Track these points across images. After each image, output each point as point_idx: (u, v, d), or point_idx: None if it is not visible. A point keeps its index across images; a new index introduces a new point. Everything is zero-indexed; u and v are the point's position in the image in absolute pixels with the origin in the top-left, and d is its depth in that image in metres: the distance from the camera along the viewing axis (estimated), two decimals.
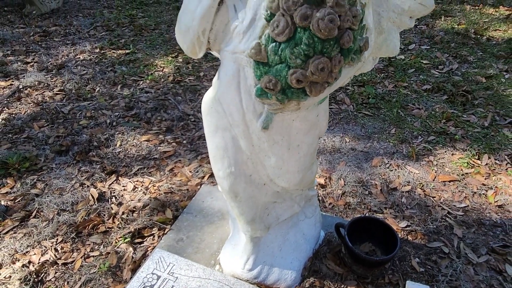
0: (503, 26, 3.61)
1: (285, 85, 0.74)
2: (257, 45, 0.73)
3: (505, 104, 2.48)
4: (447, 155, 2.08)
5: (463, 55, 3.11)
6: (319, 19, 0.67)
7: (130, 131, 2.27)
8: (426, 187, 1.87)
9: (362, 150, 2.13)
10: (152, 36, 3.54)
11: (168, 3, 4.35)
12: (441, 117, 2.37)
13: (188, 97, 2.63)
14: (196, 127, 2.32)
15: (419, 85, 2.73)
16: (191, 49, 0.82)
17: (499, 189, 1.86)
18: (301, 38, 0.69)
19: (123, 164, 2.01)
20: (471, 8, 4.06)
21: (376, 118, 2.39)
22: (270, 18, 0.71)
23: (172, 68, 2.98)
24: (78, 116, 2.40)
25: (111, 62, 3.06)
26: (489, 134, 2.22)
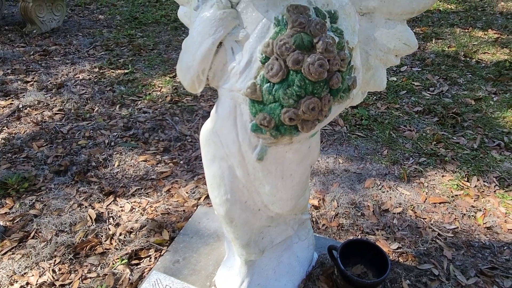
0: (491, 49, 3.73)
1: (278, 122, 0.79)
2: (253, 85, 0.78)
3: (493, 127, 2.56)
4: (437, 177, 2.14)
5: (453, 77, 3.20)
6: (310, 64, 0.73)
7: (128, 151, 2.31)
8: (417, 209, 1.92)
9: (355, 171, 2.18)
10: (150, 56, 3.62)
11: (166, 24, 4.44)
12: (431, 139, 2.43)
13: (185, 117, 2.68)
14: (193, 148, 2.37)
15: (411, 107, 2.81)
16: (191, 85, 0.87)
17: (488, 211, 1.91)
18: (294, 80, 0.75)
19: (120, 184, 2.05)
20: (461, 31, 4.19)
21: (369, 140, 2.45)
22: (265, 61, 0.77)
23: (169, 88, 3.05)
24: (77, 136, 2.44)
25: (110, 82, 3.12)
26: (478, 156, 2.28)
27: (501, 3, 5.14)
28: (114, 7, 5.05)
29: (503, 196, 1.99)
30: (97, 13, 4.86)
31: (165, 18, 4.60)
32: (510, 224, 1.83)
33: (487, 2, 5.17)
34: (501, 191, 2.02)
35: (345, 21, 0.80)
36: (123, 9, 4.96)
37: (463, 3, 5.10)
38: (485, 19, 4.55)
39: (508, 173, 2.14)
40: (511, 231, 1.79)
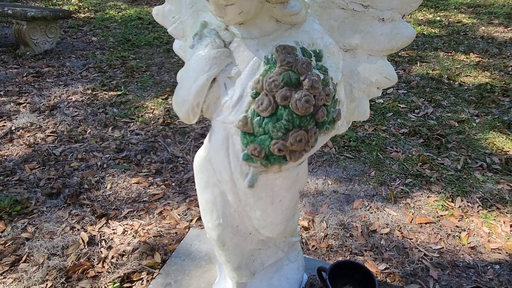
0: (473, 72, 3.88)
1: (268, 152, 0.85)
2: (244, 118, 0.84)
3: (476, 148, 2.65)
4: (423, 197, 2.21)
5: (437, 100, 3.32)
6: (297, 100, 0.79)
7: (121, 173, 2.34)
8: (404, 229, 1.98)
9: (343, 192, 2.24)
10: (143, 78, 3.68)
11: (159, 46, 4.53)
12: (417, 160, 2.51)
13: (177, 139, 2.73)
14: (184, 170, 2.41)
15: (397, 128, 2.90)
16: (186, 117, 0.93)
17: (472, 231, 1.97)
18: (282, 115, 0.81)
19: (113, 207, 2.07)
20: (444, 55, 4.35)
21: (357, 161, 2.52)
22: (255, 96, 0.83)
23: (162, 110, 3.10)
24: (70, 158, 2.46)
25: (102, 104, 3.17)
26: (461, 177, 2.36)
27: (482, 27, 5.36)
28: (107, 29, 5.14)
29: (486, 216, 2.06)
30: (90, 35, 4.93)
31: (157, 40, 4.69)
32: (493, 243, 1.89)
33: (469, 26, 5.38)
34: (484, 211, 2.09)
35: (329, 59, 0.87)
36: (116, 31, 5.05)
37: (446, 28, 5.31)
38: (467, 43, 4.73)
39: (491, 194, 2.21)
40: (494, 251, 1.85)
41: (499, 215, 2.07)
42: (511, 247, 1.86)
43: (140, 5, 6.29)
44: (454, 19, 5.71)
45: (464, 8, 6.26)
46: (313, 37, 0.85)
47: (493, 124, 2.94)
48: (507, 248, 1.86)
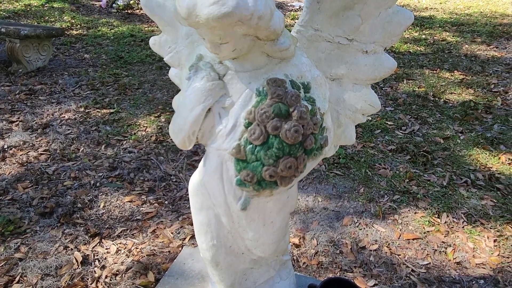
0: (457, 90, 4.01)
1: (260, 178, 0.90)
2: (238, 146, 0.90)
3: (460, 164, 2.74)
4: (410, 213, 2.27)
5: (423, 117, 3.42)
6: (287, 130, 0.85)
7: (114, 192, 2.36)
8: (392, 245, 2.03)
9: (333, 209, 2.29)
10: (135, 96, 3.73)
11: (151, 63, 4.59)
12: (404, 177, 2.58)
13: (170, 157, 2.76)
14: (177, 188, 2.44)
15: (385, 145, 2.98)
16: (182, 144, 0.98)
17: (457, 246, 2.03)
18: (273, 143, 0.86)
19: (106, 226, 2.09)
20: (430, 72, 4.49)
21: (346, 178, 2.59)
22: (248, 125, 0.88)
23: (154, 128, 3.14)
24: (63, 177, 2.48)
25: (95, 122, 3.20)
26: (447, 193, 2.43)
27: (466, 45, 5.54)
28: (99, 46, 5.19)
29: (471, 232, 2.12)
30: (83, 52, 4.98)
31: (150, 57, 4.75)
32: (477, 259, 1.95)
33: (453, 44, 5.56)
34: (468, 227, 2.16)
35: (316, 90, 0.93)
36: (108, 48, 5.10)
37: (431, 46, 5.48)
38: (451, 61, 4.89)
39: (475, 210, 2.29)
40: (478, 266, 1.91)
41: (483, 230, 2.14)
42: (495, 262, 1.93)
43: (132, 22, 6.37)
44: (438, 37, 5.90)
45: (449, 27, 6.47)
46: (301, 70, 0.92)
47: (477, 140, 3.03)
48: (491, 263, 1.92)
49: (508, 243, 2.06)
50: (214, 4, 0.72)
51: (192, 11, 0.75)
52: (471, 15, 7.35)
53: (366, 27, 1.00)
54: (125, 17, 6.68)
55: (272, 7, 0.79)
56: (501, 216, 2.24)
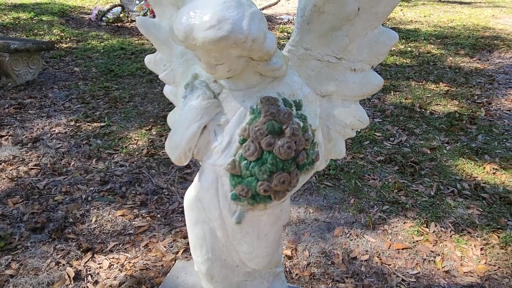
0: (443, 101, 4.11)
1: (254, 193, 0.93)
2: (233, 161, 0.93)
3: (447, 174, 2.80)
4: (399, 223, 2.31)
5: (410, 128, 3.50)
6: (280, 146, 0.89)
7: (106, 206, 2.36)
8: (382, 255, 2.07)
9: (324, 220, 2.33)
10: (126, 109, 3.73)
11: (142, 76, 4.61)
12: (393, 187, 2.64)
13: (162, 170, 2.77)
14: (169, 201, 2.45)
15: (374, 156, 3.04)
16: (178, 160, 1.00)
17: (445, 255, 2.08)
18: (267, 159, 0.90)
19: (98, 240, 2.08)
20: (416, 84, 4.59)
21: (337, 189, 2.63)
22: (242, 142, 0.92)
23: (146, 141, 3.15)
24: (54, 192, 2.47)
25: (86, 135, 3.19)
26: (435, 203, 2.49)
27: (450, 58, 5.70)
28: (89, 59, 5.19)
29: (458, 241, 2.17)
30: (73, 65, 4.98)
31: (140, 70, 4.77)
32: (465, 267, 2.00)
33: (437, 57, 5.71)
34: (456, 236, 2.21)
35: (308, 107, 0.97)
36: (98, 62, 5.11)
37: (417, 58, 5.61)
38: (436, 72, 5.01)
39: (462, 219, 2.34)
40: (466, 274, 1.95)
41: (470, 239, 2.19)
42: (482, 270, 1.98)
43: (122, 35, 6.39)
44: (424, 49, 6.05)
45: (433, 39, 6.65)
46: (293, 88, 0.96)
47: (462, 151, 3.11)
48: (478, 272, 1.97)
49: (494, 251, 2.11)
50: (211, 29, 0.76)
51: (189, 34, 0.78)
52: (455, 28, 7.57)
53: (354, 47, 1.05)
54: (115, 30, 6.70)
55: (265, 30, 0.83)
56: (487, 225, 2.30)
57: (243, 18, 0.77)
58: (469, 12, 9.20)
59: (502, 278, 1.95)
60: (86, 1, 8.97)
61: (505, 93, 4.39)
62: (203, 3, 0.79)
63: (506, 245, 2.15)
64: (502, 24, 7.98)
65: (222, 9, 0.76)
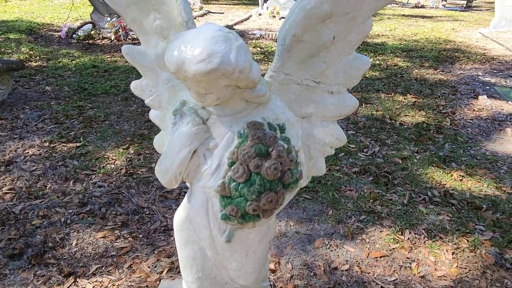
0: (411, 112, 4.31)
1: (244, 212, 0.98)
2: (222, 183, 0.98)
3: (418, 183, 2.94)
4: (376, 232, 2.41)
5: (382, 139, 3.65)
6: (267, 168, 0.94)
7: (86, 228, 2.33)
8: (362, 264, 2.15)
9: (305, 232, 2.39)
10: (102, 128, 3.70)
11: (116, 94, 4.58)
12: (369, 197, 2.74)
13: (142, 189, 2.77)
14: (151, 220, 2.45)
15: (349, 168, 3.15)
16: (169, 183, 1.04)
17: (420, 261, 2.18)
18: (255, 180, 0.95)
19: (80, 264, 2.06)
20: (385, 96, 4.80)
21: (315, 201, 2.70)
22: (231, 164, 0.97)
23: (124, 160, 3.13)
24: (30, 216, 2.42)
25: (61, 156, 3.14)
26: (408, 211, 2.61)
27: (415, 70, 5.98)
28: (61, 78, 5.11)
29: (431, 246, 2.29)
30: (44, 84, 4.88)
31: (114, 88, 4.75)
32: (439, 271, 2.11)
33: (404, 69, 5.99)
34: (429, 242, 2.33)
35: (291, 130, 1.04)
36: (70, 80, 5.04)
37: (385, 71, 5.86)
38: (403, 84, 5.26)
39: (434, 225, 2.47)
40: (440, 278, 2.06)
41: (442, 244, 2.31)
42: (454, 274, 2.09)
43: (94, 52, 6.33)
44: (391, 62, 6.33)
45: (399, 52, 6.97)
46: (276, 112, 1.03)
47: (431, 159, 3.28)
48: (451, 275, 2.08)
49: (464, 254, 2.24)
50: (201, 62, 0.81)
51: (181, 67, 0.84)
52: (418, 41, 7.97)
53: (330, 71, 1.13)
54: (86, 47, 6.63)
55: (250, 61, 0.90)
56: (456, 230, 2.43)
57: (231, 52, 0.83)
58: (431, 26, 9.71)
59: (472, 280, 2.06)
60: (55, 19, 8.84)
61: (467, 103, 4.66)
62: (192, 38, 0.84)
63: (475, 248, 2.28)
64: (462, 37, 8.47)
65: (211, 44, 0.82)
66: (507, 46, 7.38)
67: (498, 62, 6.44)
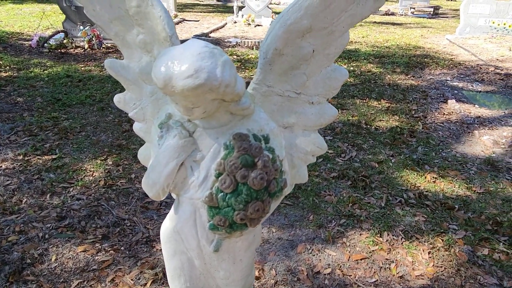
0: (385, 117, 4.45)
1: (232, 222, 1.01)
2: (210, 194, 1.00)
3: (394, 186, 3.04)
4: (356, 235, 2.47)
5: (359, 144, 3.75)
6: (253, 178, 0.98)
7: (65, 243, 2.29)
8: (343, 267, 2.20)
9: (287, 238, 2.43)
10: (78, 139, 3.64)
11: (92, 104, 4.51)
12: (348, 201, 2.81)
13: (121, 200, 2.74)
14: (132, 232, 2.42)
15: (328, 173, 3.22)
16: (156, 196, 1.06)
17: (399, 262, 2.26)
18: (242, 190, 0.98)
19: (61, 280, 2.02)
20: (360, 102, 4.93)
21: (296, 207, 2.75)
22: (218, 176, 0.99)
23: (102, 172, 3.09)
24: (6, 232, 2.35)
25: (37, 170, 3.07)
26: (386, 213, 2.69)
27: (388, 76, 6.18)
28: (33, 89, 4.99)
29: (409, 247, 2.37)
30: (15, 95, 4.75)
31: (90, 98, 4.67)
32: (417, 271, 2.19)
33: (377, 75, 6.17)
34: (406, 243, 2.41)
35: (275, 140, 1.08)
36: (43, 90, 4.92)
37: (359, 77, 6.02)
38: (377, 90, 5.41)
39: (410, 226, 2.56)
40: (418, 278, 2.14)
41: (418, 244, 2.40)
42: (431, 273, 2.17)
43: (67, 62, 6.21)
44: (364, 68, 6.51)
45: (372, 59, 7.17)
46: (260, 124, 1.06)
47: (406, 162, 3.40)
48: (428, 274, 2.16)
49: (440, 253, 2.33)
50: (189, 78, 0.84)
51: (169, 83, 0.86)
52: (390, 47, 8.23)
53: (311, 83, 1.18)
54: (59, 56, 6.50)
55: (235, 75, 0.93)
56: (432, 230, 2.53)
57: (217, 67, 0.86)
58: (401, 33, 10.04)
59: (448, 277, 2.15)
60: (25, 27, 8.61)
61: (438, 107, 4.85)
62: (179, 54, 0.87)
63: (449, 247, 2.38)
64: (430, 43, 8.80)
65: (198, 60, 0.85)
66: (472, 52, 7.73)
67: (465, 67, 6.74)
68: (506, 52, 7.74)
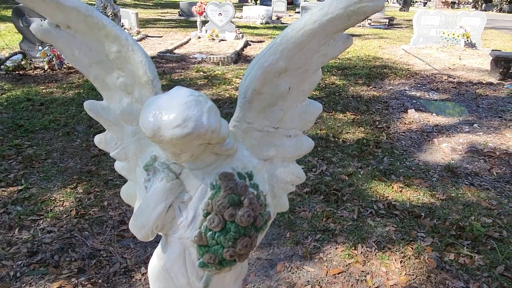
0: (351, 129, 4.62)
1: (221, 259, 1.04)
2: (199, 233, 1.03)
3: (365, 197, 3.17)
4: (332, 249, 2.56)
5: (328, 157, 3.87)
6: (241, 216, 1.02)
7: (39, 280, 2.21)
8: (322, 283, 2.27)
9: (266, 258, 2.47)
10: (45, 167, 3.52)
11: (56, 129, 4.38)
12: (322, 216, 2.90)
13: (96, 230, 2.68)
14: (109, 263, 2.38)
15: (301, 188, 3.30)
16: (145, 237, 1.07)
17: (374, 273, 2.36)
18: (230, 228, 1.02)
19: None
20: (327, 115, 5.09)
21: (273, 225, 2.80)
22: (206, 215, 1.03)
23: (73, 201, 3.01)
24: None
25: (2, 203, 2.94)
26: (358, 226, 2.80)
27: (351, 87, 6.42)
28: None
29: (382, 257, 2.48)
30: None
31: (54, 123, 4.53)
32: (391, 280, 2.29)
33: (341, 87, 6.39)
34: (380, 253, 2.52)
35: (258, 176, 1.13)
36: (3, 116, 4.73)
37: (324, 89, 6.21)
38: (342, 102, 5.61)
39: (382, 237, 2.68)
40: (392, 287, 2.24)
41: (391, 254, 2.52)
42: (404, 281, 2.29)
43: (27, 84, 5.99)
44: (329, 81, 6.73)
45: (335, 71, 7.43)
46: (244, 162, 1.11)
47: (373, 174, 3.55)
48: (401, 283, 2.27)
49: (410, 262, 2.45)
50: (177, 127, 0.87)
51: (157, 132, 0.89)
52: (351, 59, 8.55)
53: (288, 117, 1.25)
54: (17, 79, 6.26)
55: (220, 120, 0.98)
56: (402, 239, 2.66)
57: (203, 115, 0.91)
58: (361, 44, 10.46)
59: (420, 285, 2.27)
60: None
61: (399, 117, 5.10)
62: (166, 103, 0.90)
63: (419, 255, 2.51)
64: (388, 54, 9.23)
65: (185, 109, 0.89)
66: (427, 61, 8.18)
67: (421, 77, 7.12)
68: (457, 61, 8.26)
